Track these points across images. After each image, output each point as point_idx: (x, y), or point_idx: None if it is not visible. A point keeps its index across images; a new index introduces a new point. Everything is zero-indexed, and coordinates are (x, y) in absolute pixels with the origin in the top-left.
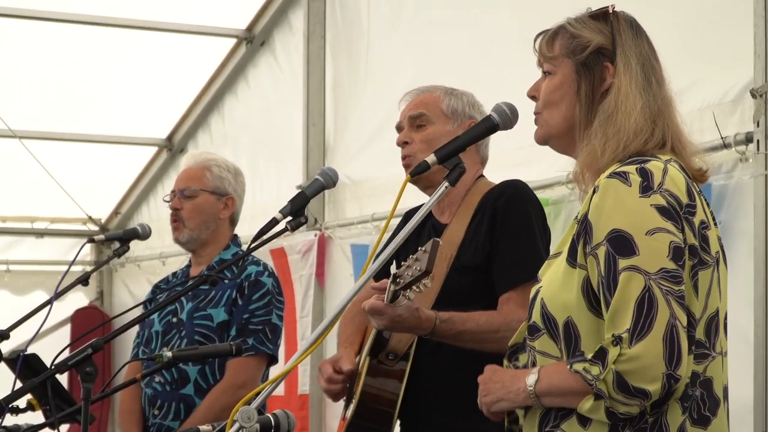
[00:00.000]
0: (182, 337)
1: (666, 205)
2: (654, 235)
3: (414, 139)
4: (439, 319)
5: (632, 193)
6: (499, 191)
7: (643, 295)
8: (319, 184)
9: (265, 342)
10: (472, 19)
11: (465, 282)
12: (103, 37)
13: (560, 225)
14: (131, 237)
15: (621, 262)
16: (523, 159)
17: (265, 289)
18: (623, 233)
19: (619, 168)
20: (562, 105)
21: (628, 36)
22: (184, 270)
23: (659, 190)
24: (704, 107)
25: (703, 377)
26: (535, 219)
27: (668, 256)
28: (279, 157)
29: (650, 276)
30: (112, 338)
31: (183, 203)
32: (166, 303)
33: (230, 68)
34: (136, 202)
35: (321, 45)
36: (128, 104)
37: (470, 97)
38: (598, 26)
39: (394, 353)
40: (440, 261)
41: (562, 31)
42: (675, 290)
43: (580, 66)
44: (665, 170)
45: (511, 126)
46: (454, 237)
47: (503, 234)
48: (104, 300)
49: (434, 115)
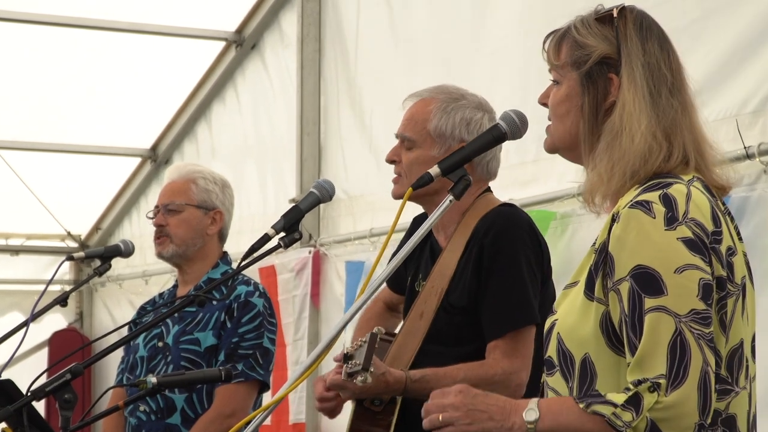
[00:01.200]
0: (168, 362)
1: (693, 237)
2: (683, 273)
3: (402, 160)
4: (410, 379)
5: (657, 226)
6: (489, 224)
7: (675, 338)
8: (314, 198)
9: (255, 368)
10: (479, 21)
11: (454, 322)
12: (83, 40)
13: (566, 241)
14: (113, 254)
15: (647, 301)
16: (529, 170)
17: (255, 311)
18: (649, 270)
19: (641, 196)
20: (567, 119)
21: (635, 41)
22: (171, 290)
23: (684, 221)
24: (726, 116)
25: (726, 414)
26: (524, 257)
27: (698, 296)
28: (271, 169)
29: (681, 318)
30: (93, 363)
31: (167, 219)
32: (151, 325)
33: (219, 73)
34: (118, 217)
35: (316, 48)
36: (110, 112)
37: (469, 111)
38: (604, 32)
39: (379, 399)
40: (431, 296)
41: (567, 36)
42: (705, 333)
43: (584, 78)
44: (689, 195)
45: (521, 135)
46: (446, 269)
47: (490, 276)
48: (84, 322)
49: (420, 137)
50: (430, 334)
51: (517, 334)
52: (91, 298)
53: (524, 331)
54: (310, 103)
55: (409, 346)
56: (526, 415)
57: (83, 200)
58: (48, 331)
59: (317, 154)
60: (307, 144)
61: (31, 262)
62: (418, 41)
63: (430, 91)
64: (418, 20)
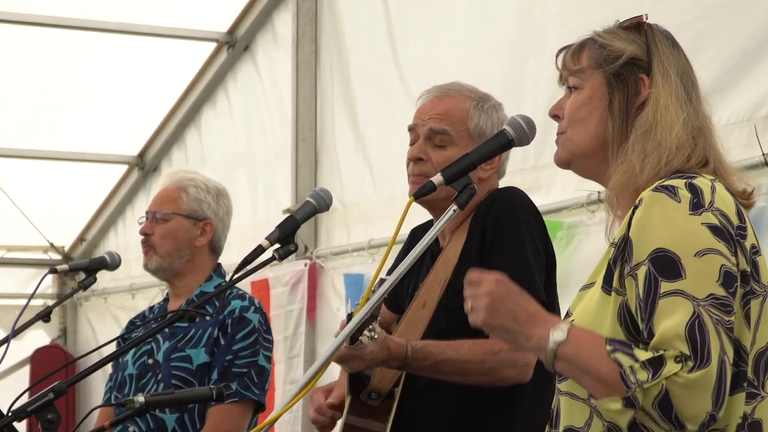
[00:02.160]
0: (158, 380)
1: (719, 225)
2: (704, 256)
3: (431, 158)
4: (412, 347)
5: (681, 210)
6: (490, 202)
7: (693, 320)
8: (310, 208)
9: (250, 387)
10: (478, 22)
11: (453, 319)
12: (65, 41)
13: (571, 252)
14: (98, 267)
15: (664, 285)
16: (534, 178)
17: (250, 327)
18: (669, 253)
19: (665, 182)
20: (590, 121)
21: (665, 46)
22: (161, 304)
23: (711, 209)
24: (739, 121)
25: (752, 419)
26: (528, 234)
27: (718, 281)
28: (264, 177)
29: (699, 302)
30: (77, 381)
31: (154, 228)
32: (140, 341)
33: (209, 76)
34: (104, 228)
35: (312, 50)
36: (95, 117)
37: (500, 111)
38: (631, 36)
39: (377, 392)
40: (434, 286)
41: (589, 42)
42: (725, 320)
43: (612, 77)
44: (713, 188)
45: (528, 142)
46: (450, 259)
47: (493, 253)
48: (68, 338)
49: (459, 135)
50: (432, 326)
51: None
52: (75, 313)
53: None
54: (305, 107)
55: (411, 337)
56: (554, 333)
57: (67, 210)
58: (30, 348)
59: (313, 162)
60: (303, 151)
61: (11, 275)
62: (417, 43)
63: (452, 88)
64: (417, 21)
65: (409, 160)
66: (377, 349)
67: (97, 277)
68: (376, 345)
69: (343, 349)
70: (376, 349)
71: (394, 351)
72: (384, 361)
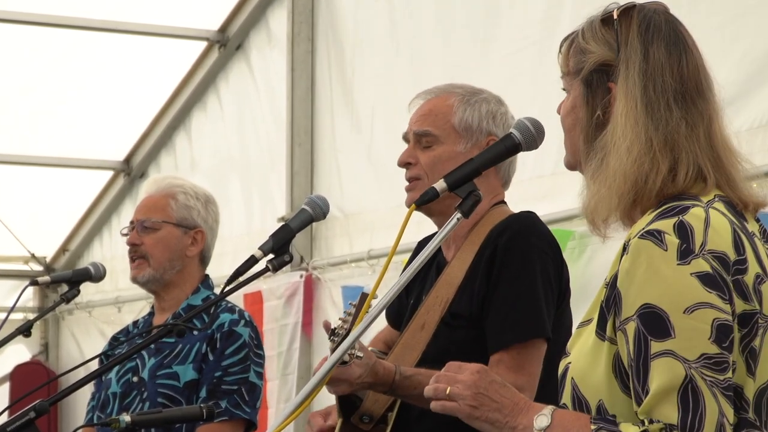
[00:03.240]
0: (144, 399)
1: (710, 272)
2: (694, 313)
3: (419, 160)
4: (400, 374)
5: (668, 260)
6: (503, 227)
7: (686, 385)
8: (306, 216)
9: (241, 405)
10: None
11: (457, 337)
12: (48, 39)
13: (585, 263)
14: (82, 279)
15: (654, 345)
16: (544, 185)
17: (241, 342)
18: (657, 310)
19: (653, 224)
20: (575, 132)
21: (635, 45)
22: (146, 318)
23: (702, 254)
24: (763, 125)
25: None
26: (541, 264)
27: (710, 338)
28: (257, 184)
29: (690, 364)
30: (60, 399)
31: (143, 238)
32: (124, 358)
33: (200, 77)
34: (88, 238)
35: (308, 49)
36: (78, 120)
37: (493, 103)
38: (607, 35)
39: (368, 415)
40: (434, 307)
41: (575, 42)
42: (720, 380)
43: (585, 87)
44: (707, 221)
45: (536, 146)
46: (453, 278)
47: (500, 281)
48: (49, 354)
49: (443, 132)
50: (430, 350)
51: (523, 347)
52: (57, 328)
53: (532, 345)
54: (301, 109)
55: (407, 360)
56: (537, 420)
57: (49, 218)
58: (9, 365)
59: (309, 167)
60: (298, 155)
61: None
62: (422, 40)
63: (442, 88)
64: (423, 17)
65: (399, 166)
66: (365, 372)
67: (81, 290)
68: (364, 368)
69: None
70: (364, 372)
71: (381, 376)
72: (371, 385)
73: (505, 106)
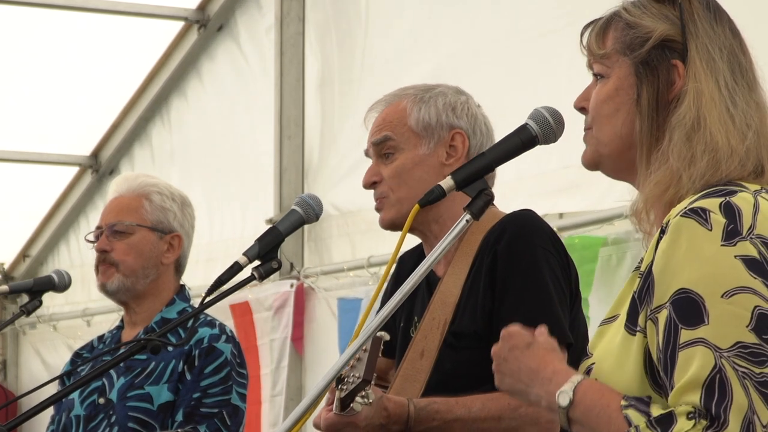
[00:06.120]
0: (112, 423)
1: (757, 257)
2: (733, 297)
3: (383, 176)
4: (414, 406)
5: (712, 240)
6: (500, 230)
7: (713, 376)
8: (296, 217)
9: (222, 430)
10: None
11: (463, 359)
12: (3, 19)
13: (625, 272)
14: (44, 288)
15: (684, 333)
16: (570, 183)
17: (222, 359)
18: (692, 294)
19: (697, 203)
20: (617, 119)
21: (704, 22)
22: (114, 333)
23: (749, 236)
24: None
25: None
26: (547, 264)
27: (749, 326)
28: (243, 181)
29: (722, 353)
30: (20, 423)
31: (113, 243)
32: (91, 378)
33: (177, 61)
34: (51, 242)
35: (299, 30)
36: (39, 110)
37: (450, 95)
38: (663, 11)
39: None
40: (432, 331)
41: (615, 19)
42: (755, 373)
43: (639, 66)
44: (756, 206)
45: (555, 139)
46: (448, 296)
47: (507, 291)
48: (8, 372)
49: (402, 136)
50: (434, 377)
51: None
52: (16, 343)
53: None
54: (291, 98)
55: (410, 393)
56: (560, 398)
57: (7, 220)
58: None
59: (300, 163)
60: (288, 150)
61: None
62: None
63: (392, 94)
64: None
65: (364, 188)
66: (372, 412)
67: (44, 301)
68: (371, 409)
69: (333, 417)
70: (372, 413)
71: (394, 412)
72: (383, 426)
73: (465, 95)
